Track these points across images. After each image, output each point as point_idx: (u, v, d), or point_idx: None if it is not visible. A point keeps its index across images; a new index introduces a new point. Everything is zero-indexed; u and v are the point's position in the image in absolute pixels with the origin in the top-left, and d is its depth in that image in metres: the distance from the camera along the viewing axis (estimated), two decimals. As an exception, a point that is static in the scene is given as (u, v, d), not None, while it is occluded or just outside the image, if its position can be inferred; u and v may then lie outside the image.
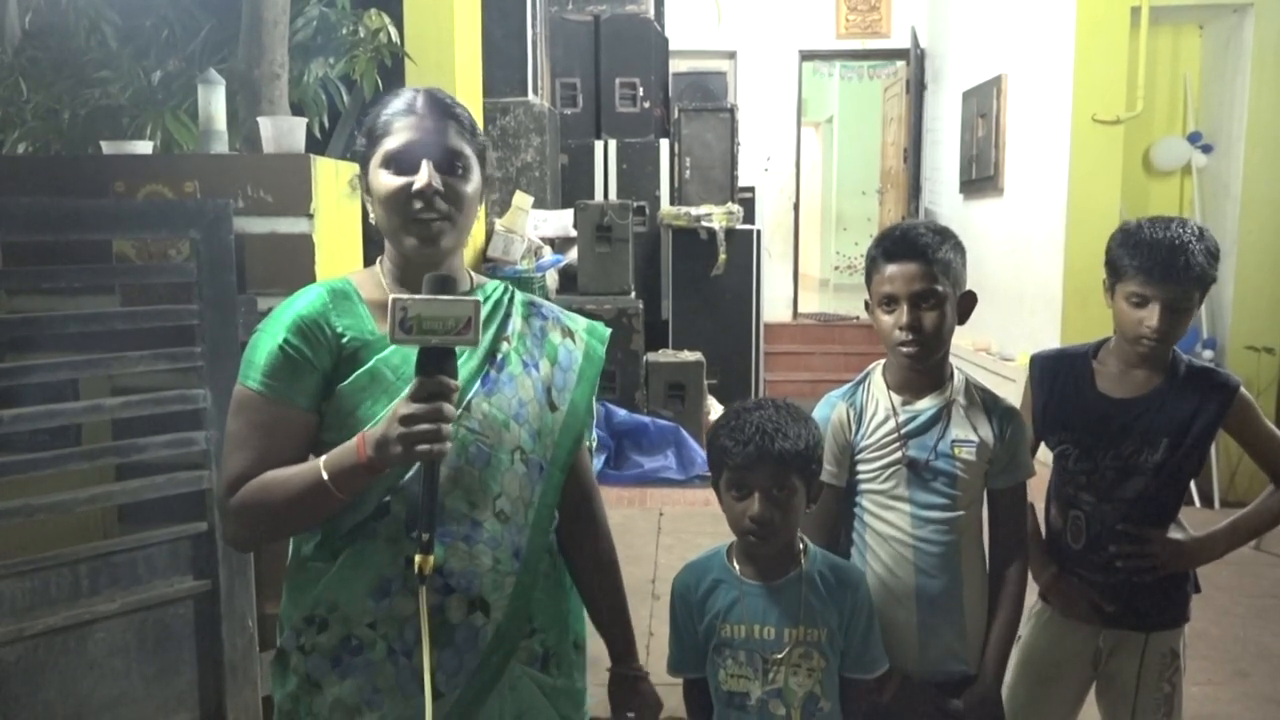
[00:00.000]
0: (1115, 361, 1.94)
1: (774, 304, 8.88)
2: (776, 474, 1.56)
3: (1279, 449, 1.92)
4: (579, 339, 1.52)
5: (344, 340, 1.33)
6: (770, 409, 1.60)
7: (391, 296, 1.17)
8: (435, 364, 1.18)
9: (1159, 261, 1.79)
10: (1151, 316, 1.82)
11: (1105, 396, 1.92)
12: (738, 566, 1.65)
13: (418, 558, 1.19)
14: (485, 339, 1.39)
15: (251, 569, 2.44)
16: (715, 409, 7.05)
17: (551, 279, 6.22)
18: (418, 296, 1.17)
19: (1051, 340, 5.54)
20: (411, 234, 1.32)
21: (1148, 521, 1.91)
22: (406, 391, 1.18)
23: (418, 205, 1.30)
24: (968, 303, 1.76)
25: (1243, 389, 1.90)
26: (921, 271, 1.67)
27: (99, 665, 2.25)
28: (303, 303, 1.35)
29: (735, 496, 1.60)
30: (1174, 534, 1.94)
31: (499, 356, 1.40)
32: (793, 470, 1.57)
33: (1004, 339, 6.35)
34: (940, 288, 1.68)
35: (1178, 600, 1.96)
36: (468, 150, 1.36)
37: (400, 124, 1.33)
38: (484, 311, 1.40)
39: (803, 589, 1.61)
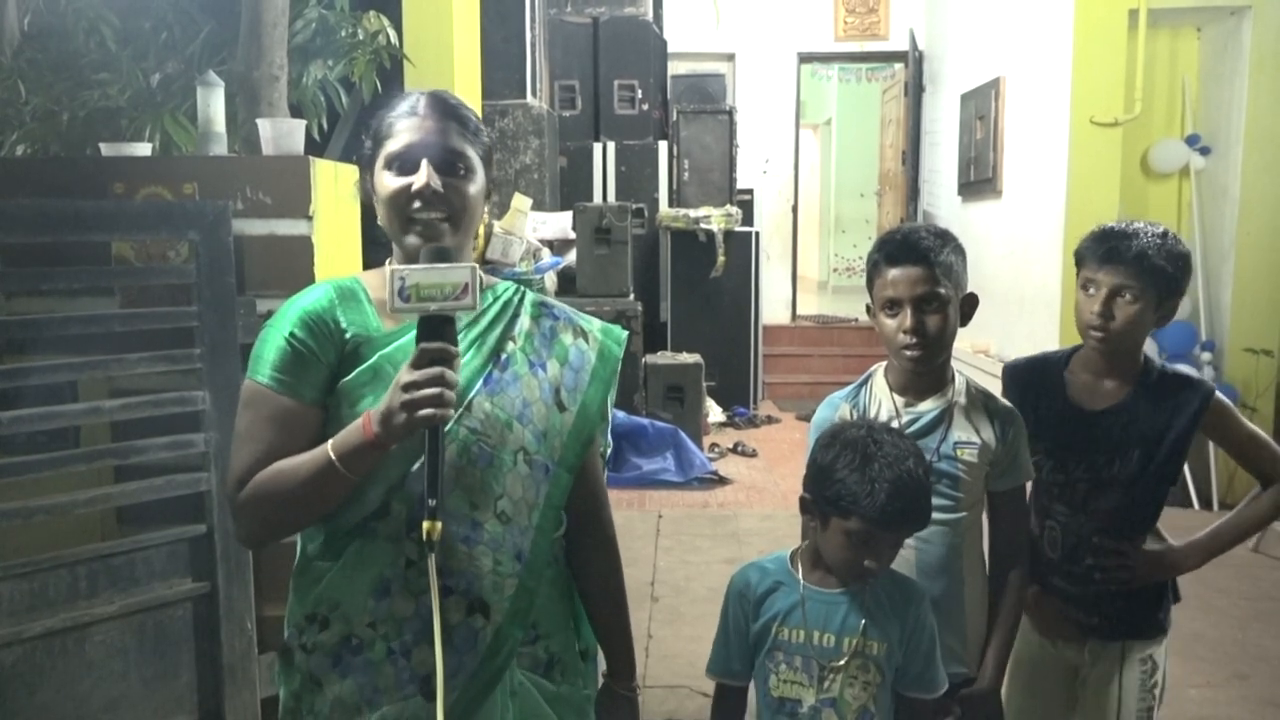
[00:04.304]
0: (1085, 371, 1.91)
1: (772, 306, 8.90)
2: (910, 532, 1.60)
3: (1260, 449, 1.89)
4: (593, 339, 1.50)
5: (348, 336, 1.34)
6: (911, 460, 1.54)
7: (390, 268, 1.18)
8: (435, 333, 1.19)
9: (1105, 244, 1.80)
10: (1095, 302, 1.80)
11: (1076, 407, 1.89)
12: (802, 570, 1.64)
13: (425, 524, 1.18)
14: (491, 338, 1.39)
15: (250, 571, 2.43)
16: (714, 411, 7.05)
17: (550, 281, 6.22)
18: (415, 266, 1.19)
19: (1050, 342, 5.54)
20: (413, 233, 1.33)
21: (1124, 532, 1.87)
22: (408, 361, 1.19)
23: (417, 205, 1.32)
24: (970, 305, 1.76)
25: (1218, 393, 1.86)
26: (924, 275, 1.67)
27: (97, 667, 2.25)
28: (309, 299, 1.36)
29: (856, 545, 1.54)
30: (1152, 544, 1.90)
31: (503, 356, 1.40)
32: None
33: (1003, 341, 6.36)
34: (943, 291, 1.68)
35: (1157, 610, 1.91)
36: (470, 151, 1.36)
37: (402, 125, 1.35)
38: (492, 312, 1.41)
39: (866, 599, 1.59)
